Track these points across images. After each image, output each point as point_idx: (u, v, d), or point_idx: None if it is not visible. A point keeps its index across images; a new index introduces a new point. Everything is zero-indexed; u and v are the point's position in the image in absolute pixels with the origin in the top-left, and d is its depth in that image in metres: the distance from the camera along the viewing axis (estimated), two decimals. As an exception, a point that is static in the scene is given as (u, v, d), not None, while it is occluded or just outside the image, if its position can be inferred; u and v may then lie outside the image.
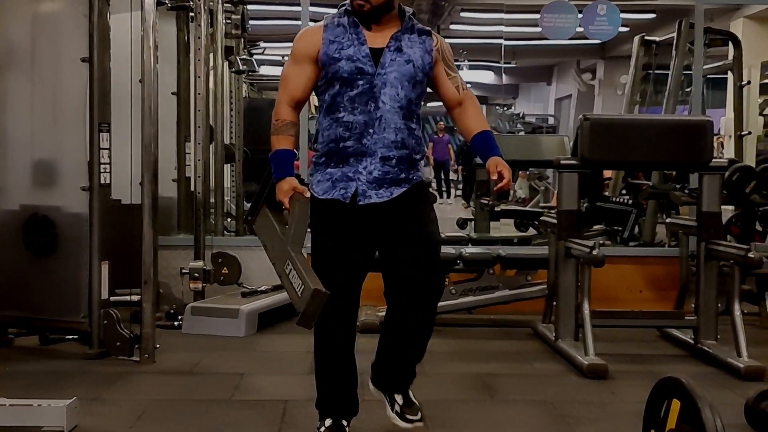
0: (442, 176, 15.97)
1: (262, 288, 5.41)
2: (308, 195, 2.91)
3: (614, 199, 8.07)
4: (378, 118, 2.91)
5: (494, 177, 2.96)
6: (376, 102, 2.91)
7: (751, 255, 4.20)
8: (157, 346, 4.35)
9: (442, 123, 16.32)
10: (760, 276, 5.36)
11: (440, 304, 3.09)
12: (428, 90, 3.08)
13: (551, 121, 18.10)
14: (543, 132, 15.92)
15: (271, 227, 2.96)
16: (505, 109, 23.55)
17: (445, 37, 3.13)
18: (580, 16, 6.20)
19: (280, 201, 2.89)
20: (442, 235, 5.94)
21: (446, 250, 5.01)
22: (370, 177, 2.93)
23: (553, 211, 5.34)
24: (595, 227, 7.90)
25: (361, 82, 2.91)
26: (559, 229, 4.70)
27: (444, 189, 15.89)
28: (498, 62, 12.82)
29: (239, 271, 5.47)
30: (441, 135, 16.17)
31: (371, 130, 2.91)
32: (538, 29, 6.44)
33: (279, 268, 2.85)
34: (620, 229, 7.84)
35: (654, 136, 4.59)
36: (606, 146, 4.56)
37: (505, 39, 11.23)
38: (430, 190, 9.55)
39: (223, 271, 5.41)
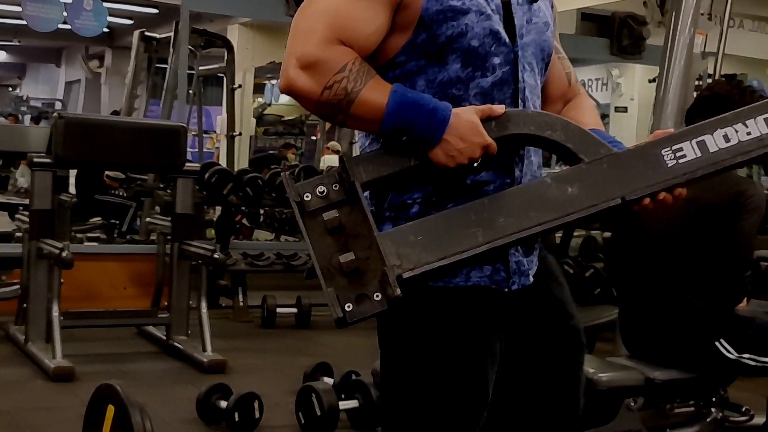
0: None
1: None
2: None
3: (114, 192, 8.07)
4: None
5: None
6: (525, 100, 1.60)
7: (216, 256, 4.48)
8: None
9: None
10: (234, 272, 5.76)
11: None
12: None
13: (58, 105, 17.39)
14: (49, 116, 15.26)
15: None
16: (10, 90, 22.17)
17: None
18: (65, 14, 6.04)
19: (471, 156, 1.48)
20: None
21: None
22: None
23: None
24: (92, 220, 7.82)
25: (497, 61, 1.57)
26: (31, 229, 4.57)
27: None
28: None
29: None
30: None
31: (522, 152, 1.60)
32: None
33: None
34: (118, 222, 7.87)
35: (129, 138, 4.67)
36: (81, 145, 4.52)
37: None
38: None
39: None
